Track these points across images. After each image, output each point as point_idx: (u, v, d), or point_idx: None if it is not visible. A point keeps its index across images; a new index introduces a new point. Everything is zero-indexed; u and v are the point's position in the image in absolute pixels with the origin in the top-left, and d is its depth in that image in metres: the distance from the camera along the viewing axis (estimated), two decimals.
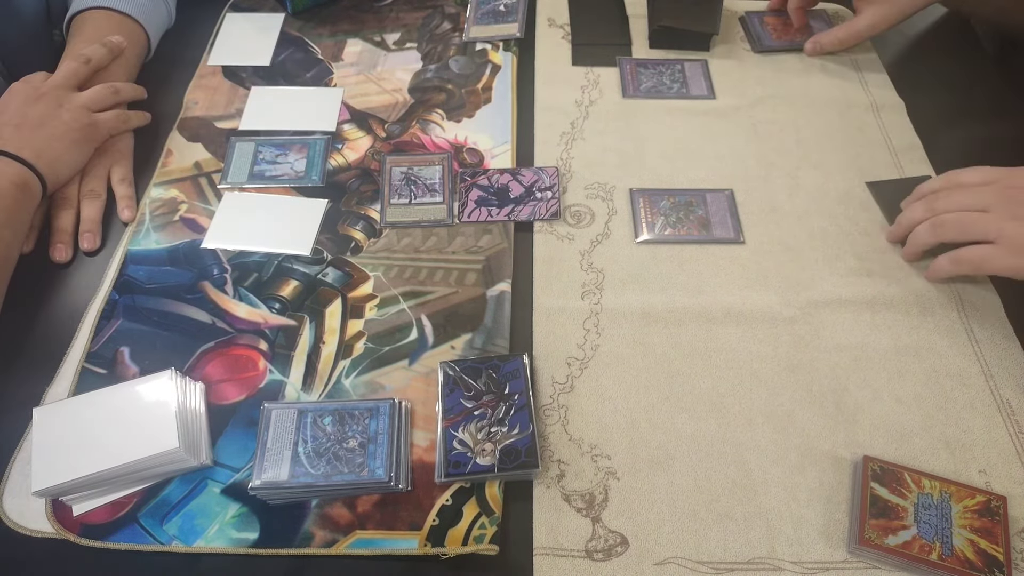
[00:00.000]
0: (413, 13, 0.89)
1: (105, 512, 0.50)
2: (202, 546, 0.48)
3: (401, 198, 0.68)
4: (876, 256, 0.65)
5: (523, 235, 0.66)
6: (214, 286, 0.62)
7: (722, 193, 0.69)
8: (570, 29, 0.87)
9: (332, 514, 0.50)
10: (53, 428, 0.50)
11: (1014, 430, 0.54)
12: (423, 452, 0.53)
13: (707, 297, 0.62)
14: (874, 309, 0.61)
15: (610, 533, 0.49)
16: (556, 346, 0.59)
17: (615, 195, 0.69)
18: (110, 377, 0.56)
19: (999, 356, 0.58)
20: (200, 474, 0.52)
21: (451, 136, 0.75)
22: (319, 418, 0.52)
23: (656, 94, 0.79)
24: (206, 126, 0.76)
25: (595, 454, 0.53)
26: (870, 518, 0.49)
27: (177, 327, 0.59)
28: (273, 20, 0.87)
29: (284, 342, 0.59)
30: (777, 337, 0.59)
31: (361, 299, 0.62)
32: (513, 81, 0.80)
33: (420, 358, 0.58)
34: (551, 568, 0.48)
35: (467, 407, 0.53)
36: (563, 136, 0.75)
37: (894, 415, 0.55)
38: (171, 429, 0.50)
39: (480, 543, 0.48)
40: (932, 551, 0.47)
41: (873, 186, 0.70)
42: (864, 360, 0.58)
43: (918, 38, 0.88)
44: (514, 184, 0.69)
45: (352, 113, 0.77)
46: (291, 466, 0.50)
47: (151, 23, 0.81)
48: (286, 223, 0.67)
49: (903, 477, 0.51)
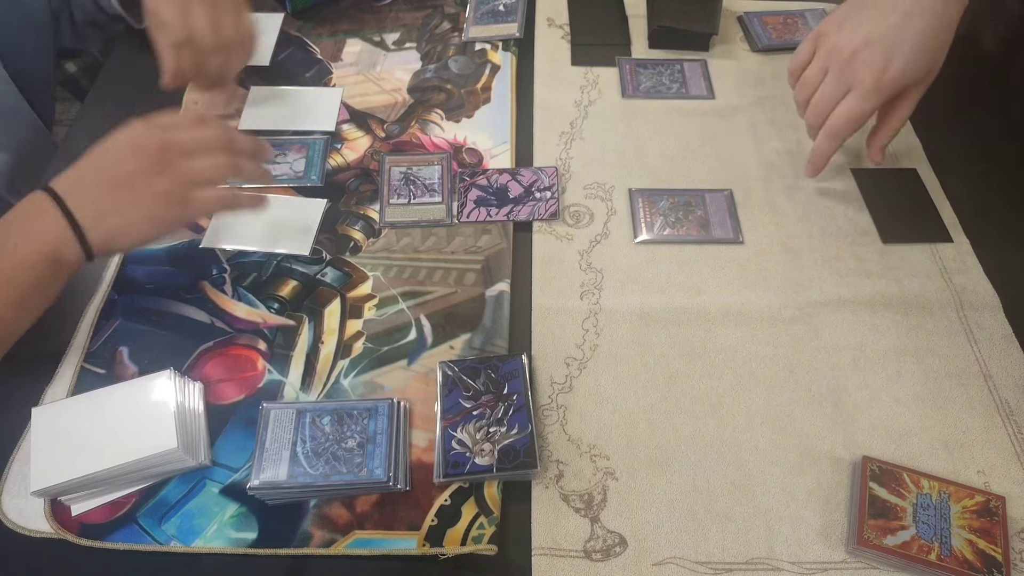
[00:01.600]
0: (413, 13, 0.89)
1: (104, 512, 0.50)
2: (201, 546, 0.49)
3: (400, 198, 0.68)
4: (876, 256, 0.65)
5: (522, 235, 0.66)
6: (213, 286, 0.62)
7: (721, 193, 0.69)
8: (570, 29, 0.86)
9: (331, 514, 0.50)
10: (52, 428, 0.50)
11: (1013, 430, 0.54)
12: (422, 452, 0.53)
13: (706, 297, 0.62)
14: (873, 309, 0.61)
15: (609, 533, 0.49)
16: (555, 346, 0.59)
17: (614, 195, 0.69)
18: (109, 377, 0.56)
19: (998, 356, 0.58)
20: (199, 474, 0.52)
21: (450, 136, 0.75)
22: (318, 418, 0.52)
23: (655, 94, 0.79)
24: None
25: (594, 454, 0.53)
26: (869, 518, 0.49)
27: (176, 327, 0.59)
28: (273, 20, 0.87)
29: (283, 342, 0.59)
30: (776, 337, 0.59)
31: (360, 299, 0.62)
32: (512, 81, 0.80)
33: (419, 358, 0.58)
34: (550, 568, 0.48)
35: (466, 407, 0.53)
36: (562, 136, 0.75)
37: (893, 415, 0.55)
38: (170, 429, 0.50)
39: (479, 543, 0.48)
40: (931, 551, 0.47)
41: (857, 173, 0.71)
42: (863, 360, 0.58)
43: None
44: (513, 184, 0.69)
45: (351, 113, 0.77)
46: (290, 466, 0.50)
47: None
48: (285, 223, 0.67)
49: (902, 477, 0.50)
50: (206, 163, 0.56)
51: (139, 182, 0.53)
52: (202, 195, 0.55)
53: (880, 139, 0.65)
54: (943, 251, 0.65)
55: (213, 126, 0.58)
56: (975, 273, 0.63)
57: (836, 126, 0.61)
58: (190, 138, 0.56)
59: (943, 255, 0.65)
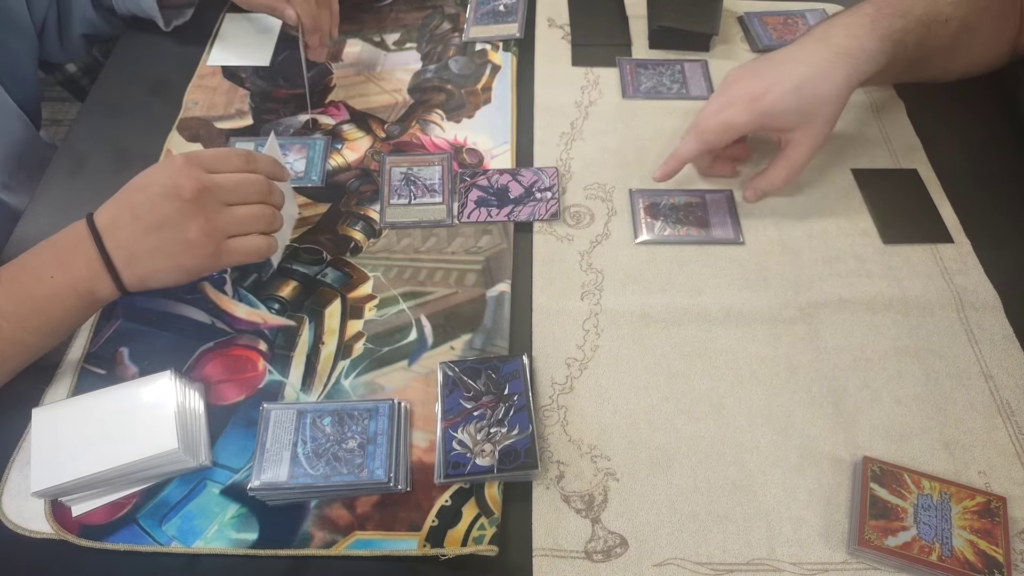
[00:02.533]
0: (413, 13, 0.89)
1: (104, 513, 0.50)
2: (201, 547, 0.48)
3: (401, 198, 0.68)
4: (876, 257, 0.65)
5: (523, 235, 0.66)
6: (213, 286, 0.62)
7: (722, 194, 0.69)
8: (570, 29, 0.86)
9: (331, 515, 0.50)
10: (52, 429, 0.50)
11: (1014, 431, 0.54)
12: (422, 453, 0.53)
13: (707, 298, 0.62)
14: (874, 310, 0.61)
15: (609, 534, 0.49)
16: (555, 347, 0.59)
17: (614, 196, 0.69)
18: (109, 377, 0.56)
19: (999, 356, 0.58)
20: (199, 475, 0.52)
21: (451, 136, 0.75)
22: (318, 419, 0.52)
23: (656, 95, 0.79)
24: (206, 126, 0.76)
25: (594, 455, 0.53)
26: (870, 519, 0.49)
27: (176, 327, 0.59)
28: (272, 20, 0.87)
29: (283, 343, 0.59)
30: (777, 338, 0.59)
31: (360, 299, 0.62)
32: (513, 81, 0.80)
33: (419, 359, 0.58)
34: (550, 569, 0.48)
35: (466, 408, 0.53)
36: (563, 136, 0.75)
37: (894, 416, 0.55)
38: (170, 430, 0.50)
39: (479, 544, 0.48)
40: (932, 552, 0.47)
41: (857, 173, 0.71)
42: (863, 361, 0.58)
43: None
44: (514, 184, 0.69)
45: (352, 113, 0.77)
46: (290, 467, 0.50)
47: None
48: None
49: (903, 478, 0.50)
50: (242, 214, 0.55)
51: (173, 229, 0.52)
52: (235, 245, 0.55)
53: (760, 182, 0.66)
54: (944, 251, 0.65)
55: (253, 170, 0.57)
56: (976, 273, 0.63)
57: (704, 127, 0.63)
58: (229, 184, 0.55)
59: (944, 255, 0.65)
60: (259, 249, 0.57)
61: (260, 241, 0.56)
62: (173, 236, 0.52)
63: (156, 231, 0.52)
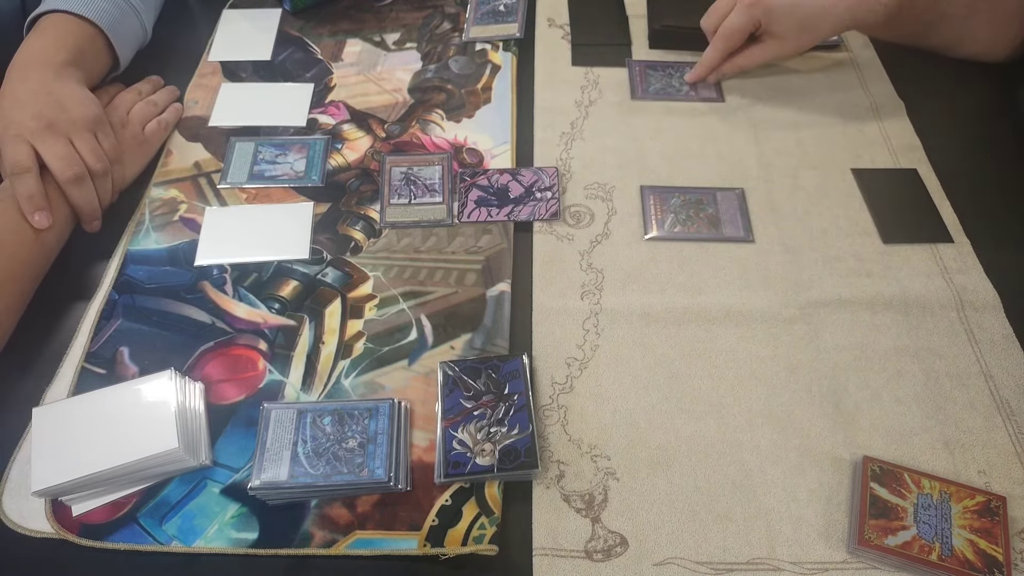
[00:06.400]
0: (413, 13, 0.89)
1: (104, 512, 0.50)
2: (201, 546, 0.48)
3: (401, 198, 0.68)
4: (876, 256, 0.65)
5: (523, 235, 0.66)
6: (214, 286, 0.62)
7: (733, 192, 0.69)
8: (570, 29, 0.87)
9: (331, 514, 0.50)
10: (52, 428, 0.50)
11: (1014, 430, 0.54)
12: (422, 452, 0.53)
13: (707, 297, 0.62)
14: (874, 309, 0.61)
15: (610, 534, 0.49)
16: (556, 346, 0.59)
17: (615, 195, 0.69)
18: (110, 377, 0.56)
19: (999, 356, 0.58)
20: (199, 474, 0.52)
21: (451, 136, 0.75)
22: (318, 418, 0.52)
23: (665, 96, 0.79)
24: (206, 126, 0.76)
25: (595, 454, 0.53)
26: (870, 518, 0.49)
27: (177, 327, 0.59)
28: (271, 16, 0.88)
29: (284, 342, 0.59)
30: (777, 338, 0.59)
31: (361, 299, 0.62)
32: (513, 81, 0.80)
33: (420, 358, 0.58)
34: (550, 568, 0.48)
35: (467, 407, 0.53)
36: (563, 136, 0.75)
37: (894, 415, 0.55)
38: (170, 429, 0.50)
39: (479, 543, 0.48)
40: (932, 551, 0.47)
41: (857, 173, 0.71)
42: (864, 360, 0.58)
43: None
44: (514, 184, 0.69)
45: (352, 113, 0.77)
46: (290, 466, 0.50)
47: (118, 35, 0.75)
48: (277, 230, 0.66)
49: (903, 477, 0.51)
50: (137, 111, 0.73)
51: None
52: (149, 129, 0.73)
53: (721, 67, 0.78)
54: (944, 251, 0.65)
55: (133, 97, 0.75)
56: (976, 273, 0.63)
57: (722, 33, 0.75)
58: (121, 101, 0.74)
59: (944, 255, 0.65)
60: (165, 124, 0.74)
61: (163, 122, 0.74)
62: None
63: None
